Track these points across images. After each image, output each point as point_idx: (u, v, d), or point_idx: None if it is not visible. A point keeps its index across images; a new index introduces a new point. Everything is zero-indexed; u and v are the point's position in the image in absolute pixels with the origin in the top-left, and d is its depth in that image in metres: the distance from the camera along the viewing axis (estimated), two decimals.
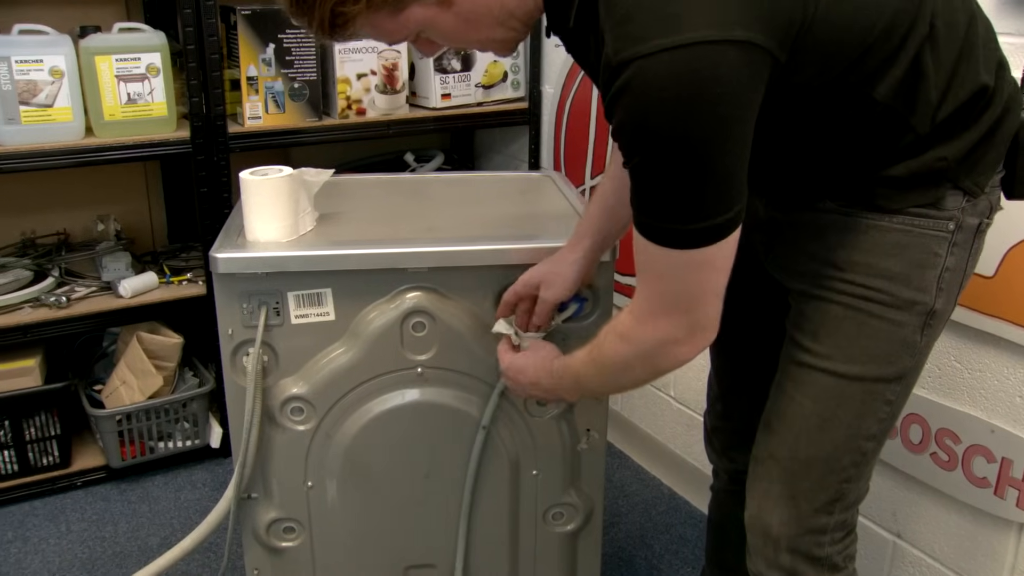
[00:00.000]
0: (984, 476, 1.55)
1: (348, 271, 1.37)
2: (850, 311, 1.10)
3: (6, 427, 2.23)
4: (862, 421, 1.13)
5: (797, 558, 1.18)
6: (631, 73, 0.89)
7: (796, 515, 1.17)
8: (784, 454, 1.17)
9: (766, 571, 1.21)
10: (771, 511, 1.18)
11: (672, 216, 0.96)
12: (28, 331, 2.17)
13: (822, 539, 1.18)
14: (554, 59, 2.54)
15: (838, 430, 1.13)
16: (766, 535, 1.20)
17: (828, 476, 1.15)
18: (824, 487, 1.15)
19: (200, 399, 2.40)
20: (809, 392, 1.14)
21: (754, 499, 1.21)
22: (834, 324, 1.11)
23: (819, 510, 1.16)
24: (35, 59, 2.02)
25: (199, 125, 2.20)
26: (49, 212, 2.52)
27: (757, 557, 1.22)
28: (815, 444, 1.14)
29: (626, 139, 0.95)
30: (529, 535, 1.56)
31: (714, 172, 0.93)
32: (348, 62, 2.35)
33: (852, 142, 1.06)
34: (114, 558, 2.08)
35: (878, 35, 0.99)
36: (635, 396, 2.44)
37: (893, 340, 1.10)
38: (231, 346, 1.40)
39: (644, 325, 1.06)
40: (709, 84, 0.88)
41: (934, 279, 1.09)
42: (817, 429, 1.14)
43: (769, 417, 1.21)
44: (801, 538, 1.18)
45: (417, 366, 1.42)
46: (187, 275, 2.42)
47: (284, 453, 1.45)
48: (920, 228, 1.07)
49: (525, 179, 1.89)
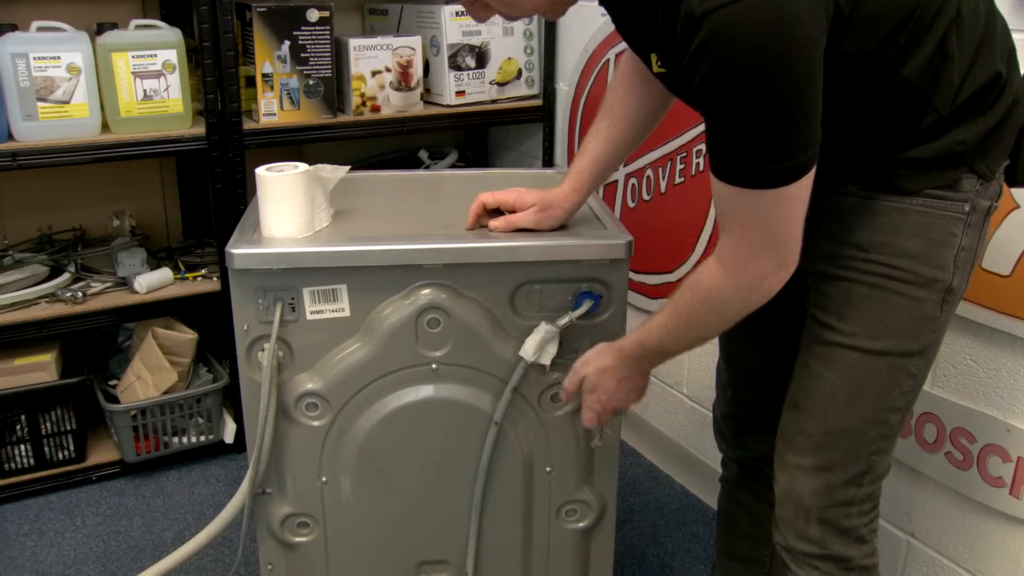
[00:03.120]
0: (999, 476, 1.55)
1: (363, 267, 1.38)
2: (875, 290, 1.15)
3: (22, 421, 2.25)
4: (888, 394, 1.18)
5: (826, 529, 1.22)
6: (716, 23, 0.93)
7: (828, 486, 1.21)
8: (815, 429, 1.21)
9: (795, 543, 1.25)
10: (803, 482, 1.23)
11: (761, 158, 1.01)
12: (44, 326, 2.19)
13: (850, 511, 1.22)
14: (568, 56, 2.53)
15: (866, 403, 1.18)
16: (797, 505, 1.23)
17: (858, 448, 1.20)
18: (855, 459, 1.20)
19: (214, 395, 2.41)
20: (837, 368, 1.19)
21: (785, 472, 1.25)
22: (859, 303, 1.16)
23: (849, 482, 1.21)
24: (52, 56, 2.04)
25: (214, 122, 2.21)
26: (65, 208, 2.54)
27: (786, 530, 1.26)
28: (845, 418, 1.19)
29: (713, 89, 0.98)
30: (542, 532, 1.56)
31: (799, 113, 0.98)
32: (363, 59, 2.35)
33: (876, 122, 1.11)
34: (129, 552, 2.09)
35: (913, 13, 1.03)
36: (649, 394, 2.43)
37: (915, 316, 1.15)
38: (246, 342, 1.41)
39: (736, 267, 1.11)
40: (792, 28, 0.93)
41: (951, 258, 1.14)
42: (846, 404, 1.19)
43: (796, 395, 1.25)
44: (831, 509, 1.22)
45: (432, 362, 1.43)
46: (202, 271, 2.43)
47: (299, 448, 1.46)
48: (938, 209, 1.13)
49: (539, 176, 1.89)
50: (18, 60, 2.01)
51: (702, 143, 2.09)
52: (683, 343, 1.25)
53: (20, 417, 2.25)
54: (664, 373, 2.36)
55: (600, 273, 1.41)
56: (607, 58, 2.35)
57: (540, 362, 1.41)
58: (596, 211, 1.54)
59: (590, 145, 1.45)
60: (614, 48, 2.32)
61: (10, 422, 2.24)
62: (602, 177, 1.47)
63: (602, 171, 1.46)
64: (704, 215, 2.11)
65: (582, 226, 1.48)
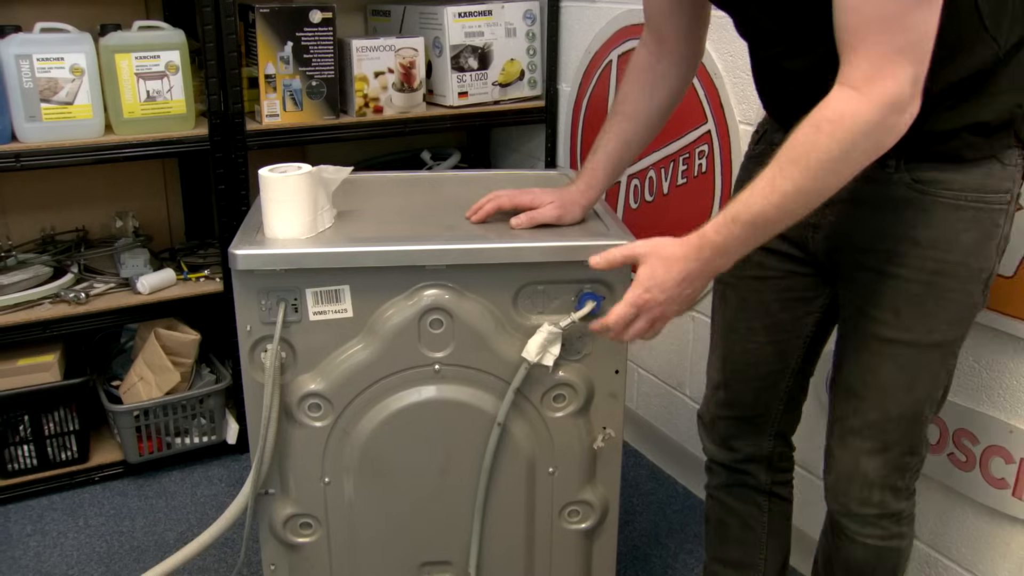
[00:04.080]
0: (1002, 477, 1.55)
1: (366, 268, 1.38)
2: (930, 288, 1.20)
3: (25, 422, 2.25)
4: (938, 377, 1.27)
5: (886, 492, 1.32)
6: None
7: (890, 459, 1.30)
8: (875, 416, 1.28)
9: (858, 508, 1.33)
10: (867, 462, 1.30)
11: None
12: (47, 327, 2.19)
13: (907, 474, 1.32)
14: (571, 58, 2.54)
15: (922, 388, 1.26)
16: (863, 481, 1.31)
17: (915, 426, 1.28)
18: (913, 435, 1.29)
19: (217, 395, 2.41)
20: (893, 362, 1.25)
21: (848, 453, 1.32)
22: (915, 301, 1.21)
23: (906, 452, 1.30)
24: (56, 57, 2.04)
25: (217, 123, 2.21)
26: (68, 209, 2.54)
27: (847, 499, 1.34)
28: (903, 404, 1.26)
29: None
30: (544, 533, 1.56)
31: None
32: (365, 60, 2.36)
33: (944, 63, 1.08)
34: (131, 552, 2.09)
35: None
36: (651, 395, 2.44)
37: (964, 306, 1.22)
38: (249, 342, 1.41)
39: (873, 85, 1.02)
40: None
41: (995, 247, 1.20)
42: (904, 391, 1.26)
43: (852, 385, 1.30)
44: (891, 476, 1.31)
45: (434, 363, 1.43)
46: (204, 272, 2.43)
47: (301, 449, 1.46)
48: (987, 203, 1.17)
49: (543, 177, 1.89)
50: (22, 61, 2.01)
51: (704, 144, 2.09)
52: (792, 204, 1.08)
53: (23, 418, 2.25)
54: (666, 374, 2.36)
55: (603, 274, 1.41)
56: (609, 59, 2.35)
57: (543, 363, 1.41)
58: (599, 212, 1.55)
59: (602, 143, 1.46)
60: (616, 49, 2.32)
61: (13, 423, 2.24)
62: (615, 174, 1.48)
63: (614, 168, 1.47)
64: (706, 216, 2.11)
65: (585, 227, 1.48)
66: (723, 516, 1.61)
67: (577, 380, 1.46)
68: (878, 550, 1.36)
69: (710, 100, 2.05)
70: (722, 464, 1.57)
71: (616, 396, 1.50)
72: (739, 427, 1.51)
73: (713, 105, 2.04)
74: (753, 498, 1.56)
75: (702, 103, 2.06)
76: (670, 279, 1.16)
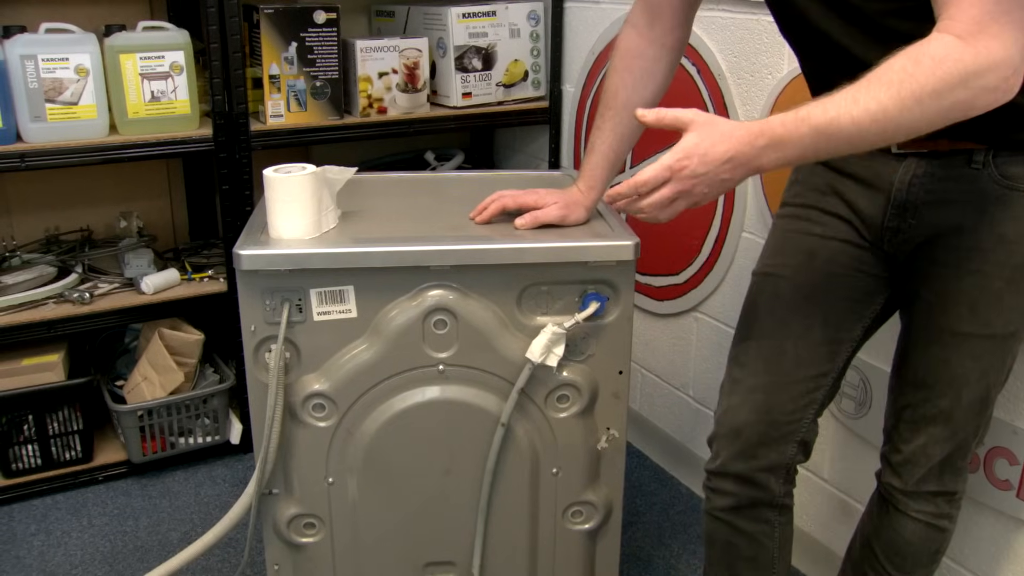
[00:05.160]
0: (1007, 479, 1.54)
1: (370, 268, 1.38)
2: (1011, 283, 1.22)
3: (30, 422, 2.26)
4: (1005, 364, 1.30)
5: (946, 471, 1.35)
6: None
7: (957, 443, 1.33)
8: (947, 404, 1.30)
9: (915, 486, 1.36)
10: (936, 447, 1.33)
11: None
12: (52, 327, 2.20)
13: (968, 453, 1.36)
14: (575, 58, 2.54)
15: (992, 376, 1.29)
16: (929, 461, 1.34)
17: (983, 411, 1.32)
18: (981, 417, 1.32)
19: (220, 395, 2.41)
20: (971, 353, 1.27)
21: (919, 436, 1.34)
22: (995, 296, 1.23)
23: (972, 435, 1.33)
24: (61, 57, 2.04)
25: (221, 123, 2.21)
26: (73, 209, 2.55)
27: (909, 476, 1.36)
28: (974, 391, 1.29)
29: None
30: (548, 533, 1.56)
31: None
32: (369, 61, 2.36)
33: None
34: (135, 552, 2.09)
35: None
36: (654, 396, 2.44)
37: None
38: (254, 342, 1.41)
39: (980, 38, 0.98)
40: None
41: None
42: (977, 381, 1.29)
43: (924, 376, 1.32)
44: (954, 455, 1.34)
45: (438, 364, 1.43)
46: (208, 272, 2.43)
47: (305, 449, 1.46)
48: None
49: (547, 178, 1.89)
50: (27, 61, 2.02)
51: None
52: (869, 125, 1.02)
53: (27, 417, 2.25)
54: (669, 375, 2.36)
55: (607, 275, 1.42)
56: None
57: (547, 363, 1.41)
58: (602, 212, 1.55)
59: (597, 141, 1.46)
60: None
61: (17, 422, 2.25)
62: (614, 171, 1.48)
63: (613, 165, 1.47)
64: (710, 218, 2.11)
65: (589, 228, 1.48)
66: (730, 537, 1.45)
67: (581, 381, 1.46)
68: (926, 528, 1.38)
69: (713, 101, 2.05)
70: (736, 476, 1.40)
71: (620, 397, 1.50)
72: (769, 433, 1.37)
73: (716, 106, 2.04)
74: (764, 515, 1.43)
75: (706, 104, 2.06)
76: (715, 153, 1.08)
